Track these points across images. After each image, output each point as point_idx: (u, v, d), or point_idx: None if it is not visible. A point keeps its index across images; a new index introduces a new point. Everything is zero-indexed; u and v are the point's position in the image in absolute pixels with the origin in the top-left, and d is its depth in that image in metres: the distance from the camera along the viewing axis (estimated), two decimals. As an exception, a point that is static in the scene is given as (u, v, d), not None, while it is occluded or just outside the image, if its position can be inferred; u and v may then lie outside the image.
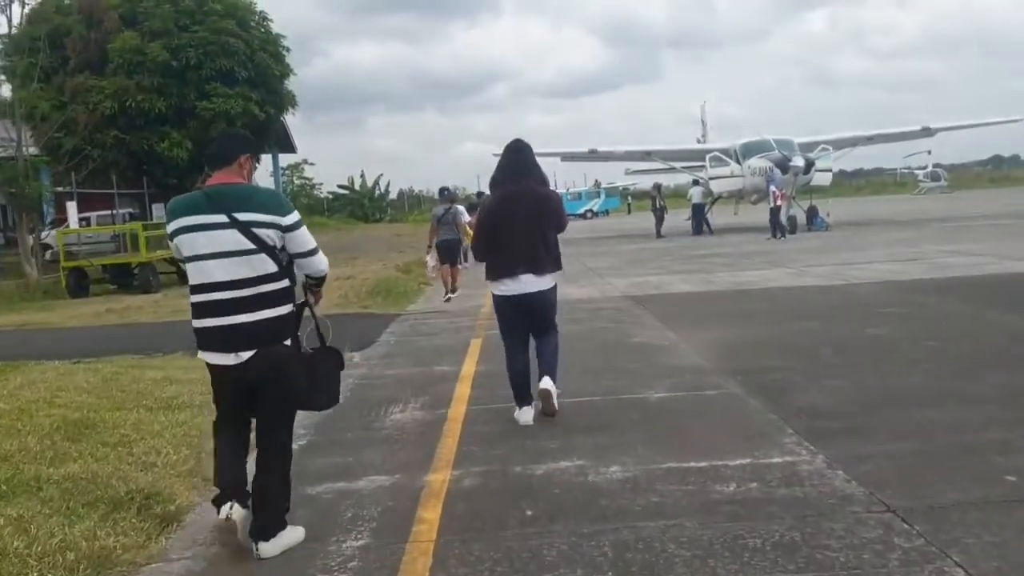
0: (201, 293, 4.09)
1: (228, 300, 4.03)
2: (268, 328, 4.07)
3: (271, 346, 4.09)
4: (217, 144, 4.37)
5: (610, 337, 9.95)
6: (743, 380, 7.28)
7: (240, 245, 4.00)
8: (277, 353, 4.12)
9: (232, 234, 4.00)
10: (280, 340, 4.14)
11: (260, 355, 4.06)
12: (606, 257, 23.33)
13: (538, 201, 6.34)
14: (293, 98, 32.14)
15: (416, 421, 6.63)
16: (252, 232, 4.00)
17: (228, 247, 4.01)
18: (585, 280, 17.05)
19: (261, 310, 4.04)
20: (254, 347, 4.05)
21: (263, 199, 4.13)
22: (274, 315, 4.09)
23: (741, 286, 14.39)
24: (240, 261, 4.01)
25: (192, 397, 7.54)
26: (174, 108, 28.45)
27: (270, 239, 4.04)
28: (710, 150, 31.70)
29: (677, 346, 9.14)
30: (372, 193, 73.58)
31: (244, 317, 4.02)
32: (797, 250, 21.73)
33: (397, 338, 10.93)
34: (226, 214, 3.99)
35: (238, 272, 4.02)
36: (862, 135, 32.69)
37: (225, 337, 4.06)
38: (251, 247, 4.01)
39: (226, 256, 4.01)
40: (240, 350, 4.05)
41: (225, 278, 4.02)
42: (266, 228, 4.03)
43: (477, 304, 13.89)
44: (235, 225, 3.99)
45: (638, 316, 11.53)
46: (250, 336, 4.04)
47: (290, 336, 4.21)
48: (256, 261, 4.03)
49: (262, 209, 4.03)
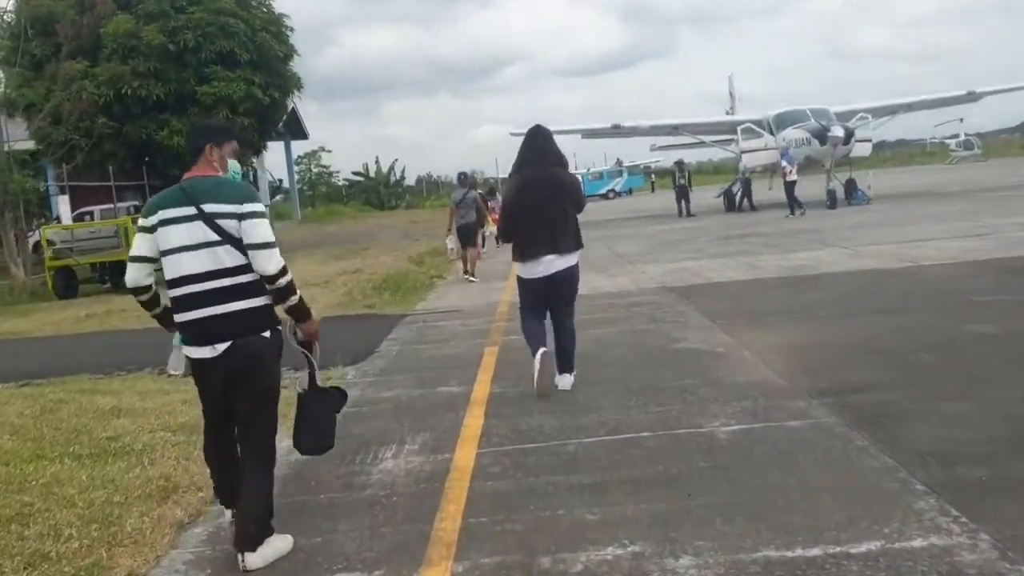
0: (177, 287, 4.02)
1: (201, 292, 3.97)
2: (242, 319, 4.00)
3: (247, 337, 4.01)
4: (189, 136, 4.44)
5: (652, 342, 8.31)
6: (833, 404, 5.64)
7: (207, 237, 3.95)
8: (254, 345, 4.03)
9: (199, 226, 3.96)
10: (257, 331, 4.04)
11: (236, 346, 3.98)
12: (635, 241, 21.63)
13: (559, 184, 6.63)
14: (298, 80, 30.49)
15: (411, 473, 5.03)
16: (216, 223, 3.95)
17: (197, 239, 3.96)
18: (615, 268, 15.39)
19: (234, 301, 3.97)
20: (229, 338, 3.97)
21: (226, 190, 4.03)
22: (248, 306, 4.01)
23: (794, 271, 12.69)
24: (208, 253, 3.96)
25: (136, 438, 6.04)
26: (173, 94, 26.91)
27: (234, 230, 3.95)
28: (741, 122, 29.77)
29: (736, 354, 7.50)
30: (388, 179, 71.92)
31: (217, 309, 3.97)
32: (844, 226, 19.95)
33: (400, 346, 9.34)
34: (195, 206, 3.96)
35: (207, 264, 3.96)
36: (902, 102, 30.69)
37: (200, 330, 4.01)
38: (216, 239, 3.95)
39: (196, 248, 3.96)
40: (215, 342, 3.99)
41: (197, 270, 3.97)
42: (228, 219, 3.96)
43: (493, 301, 12.31)
44: (202, 217, 3.95)
45: (681, 313, 9.88)
46: (225, 328, 3.98)
47: (268, 328, 4.08)
48: (223, 252, 3.96)
49: (224, 199, 3.98)
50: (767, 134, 28.98)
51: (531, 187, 6.57)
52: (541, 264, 6.52)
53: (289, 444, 4.58)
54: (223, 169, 4.17)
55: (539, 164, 6.60)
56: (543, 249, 6.48)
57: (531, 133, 6.76)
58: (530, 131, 6.79)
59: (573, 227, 6.61)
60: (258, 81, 27.83)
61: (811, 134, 26.33)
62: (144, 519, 4.49)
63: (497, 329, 9.89)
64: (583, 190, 7.07)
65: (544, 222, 6.47)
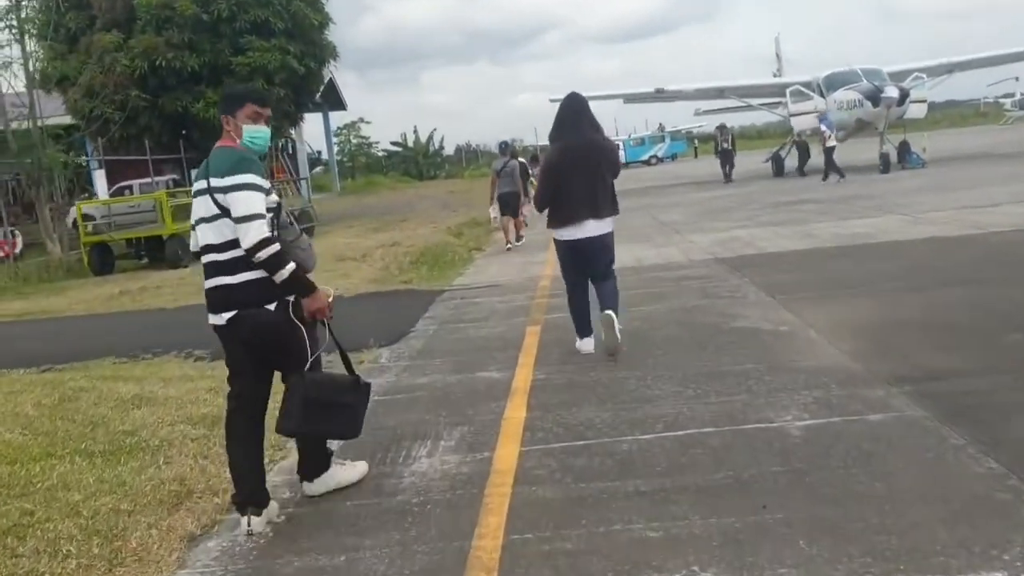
0: (202, 255, 4.13)
1: (213, 263, 4.06)
2: (244, 291, 4.00)
3: (250, 309, 4.02)
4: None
5: (707, 320, 7.71)
6: (917, 393, 5.04)
7: (211, 211, 4.01)
8: (259, 318, 4.04)
9: (207, 200, 4.02)
10: (259, 304, 4.02)
11: (240, 317, 4.03)
12: (679, 209, 20.90)
13: (596, 150, 6.72)
14: (334, 49, 29.94)
15: (447, 476, 4.52)
16: (215, 197, 3.98)
17: (205, 212, 4.05)
18: (661, 238, 14.75)
19: (236, 273, 3.99)
20: (232, 309, 4.03)
21: (220, 163, 4.01)
22: (250, 278, 3.99)
23: (851, 240, 11.97)
24: (214, 226, 4.02)
25: (154, 432, 5.61)
26: (208, 65, 26.51)
27: (224, 202, 3.95)
28: (790, 84, 28.68)
29: (801, 333, 6.89)
30: (426, 149, 71.33)
31: (223, 280, 4.03)
32: (899, 191, 19.07)
33: (437, 326, 8.83)
34: (206, 179, 4.03)
35: (214, 237, 4.03)
36: (958, 60, 29.41)
37: (211, 299, 4.12)
38: (216, 212, 3.99)
39: (208, 221, 4.04)
40: (221, 311, 4.06)
41: (208, 242, 4.06)
42: (220, 192, 3.96)
43: (535, 275, 11.76)
44: (208, 191, 4.00)
45: (736, 287, 9.25)
46: (227, 299, 4.03)
47: (274, 300, 4.04)
48: (222, 226, 3.99)
49: (215, 173, 3.99)
50: (817, 96, 27.92)
51: (569, 154, 6.67)
52: (579, 229, 6.69)
53: None
54: (239, 136, 4.14)
55: (576, 131, 6.69)
56: (583, 214, 6.64)
57: (567, 100, 6.83)
58: (566, 98, 6.86)
59: (611, 193, 6.79)
60: (293, 50, 27.35)
61: (863, 95, 25.27)
62: (152, 531, 4.04)
63: (538, 306, 9.36)
64: (619, 157, 7.38)
65: (583, 188, 6.61)
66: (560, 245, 6.97)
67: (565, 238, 6.83)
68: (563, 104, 6.82)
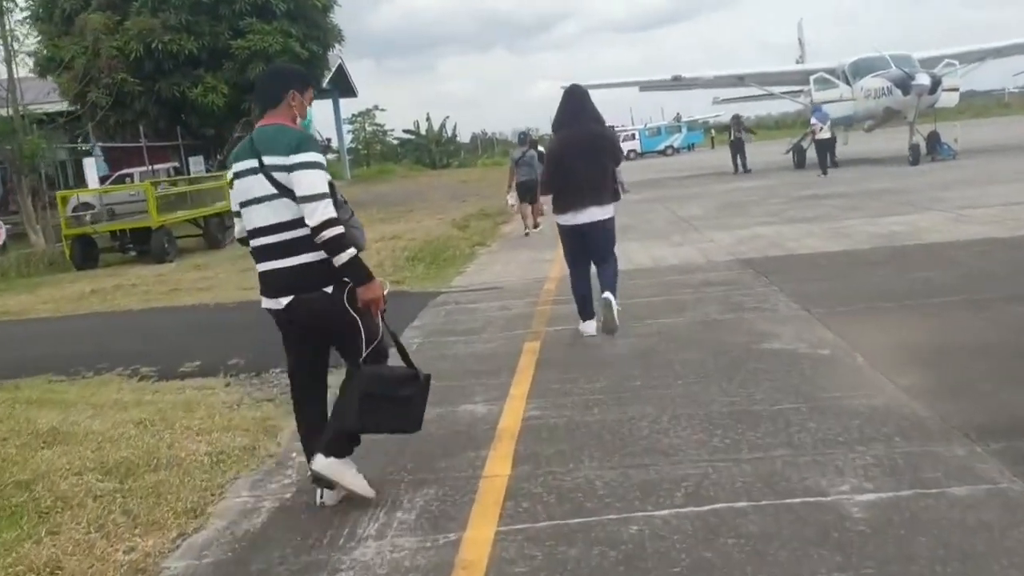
0: (251, 239, 3.97)
1: (267, 245, 3.89)
2: (303, 274, 3.84)
3: (309, 292, 3.86)
4: (260, 82, 4.19)
5: (732, 339, 6.59)
6: (1009, 454, 3.93)
7: (267, 190, 3.83)
8: (316, 302, 3.87)
9: (260, 179, 3.84)
10: (316, 287, 3.85)
11: (299, 301, 3.87)
12: (698, 202, 19.72)
13: (597, 138, 7.00)
14: (339, 33, 28.91)
15: (397, 571, 3.43)
16: (272, 176, 3.80)
17: (261, 192, 3.85)
18: (678, 235, 13.61)
19: (295, 255, 3.82)
20: (292, 293, 3.87)
21: (280, 139, 3.80)
22: (309, 260, 3.82)
23: (889, 240, 10.82)
24: (269, 206, 3.84)
25: (56, 483, 4.55)
26: (206, 48, 25.59)
27: (286, 182, 3.78)
28: (814, 71, 27.36)
29: (846, 359, 5.78)
30: (439, 137, 70.06)
31: (280, 263, 3.86)
32: (933, 185, 17.84)
33: (422, 339, 7.75)
34: (257, 158, 3.82)
35: (269, 218, 3.85)
36: (992, 47, 28.01)
37: (267, 282, 3.96)
38: (274, 191, 3.81)
39: (258, 202, 3.87)
40: (279, 295, 3.90)
41: (261, 224, 3.88)
42: (280, 171, 3.78)
43: (539, 276, 10.67)
44: (262, 170, 3.82)
45: (764, 296, 8.13)
46: (286, 282, 3.87)
47: (332, 283, 3.85)
48: (280, 206, 3.81)
49: (277, 151, 3.79)
50: (842, 84, 26.64)
51: (572, 143, 6.93)
52: (581, 214, 6.94)
53: None
54: (302, 116, 4.01)
55: (577, 121, 6.97)
56: (584, 201, 6.90)
57: (568, 92, 7.09)
58: (567, 90, 7.11)
59: (611, 180, 7.06)
60: (296, 33, 26.38)
61: (893, 83, 23.95)
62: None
63: (541, 315, 8.27)
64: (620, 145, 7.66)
65: (585, 176, 6.86)
66: (563, 230, 7.21)
67: (567, 223, 7.08)
68: (564, 96, 7.08)
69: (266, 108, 3.98)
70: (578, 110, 7.00)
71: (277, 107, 3.93)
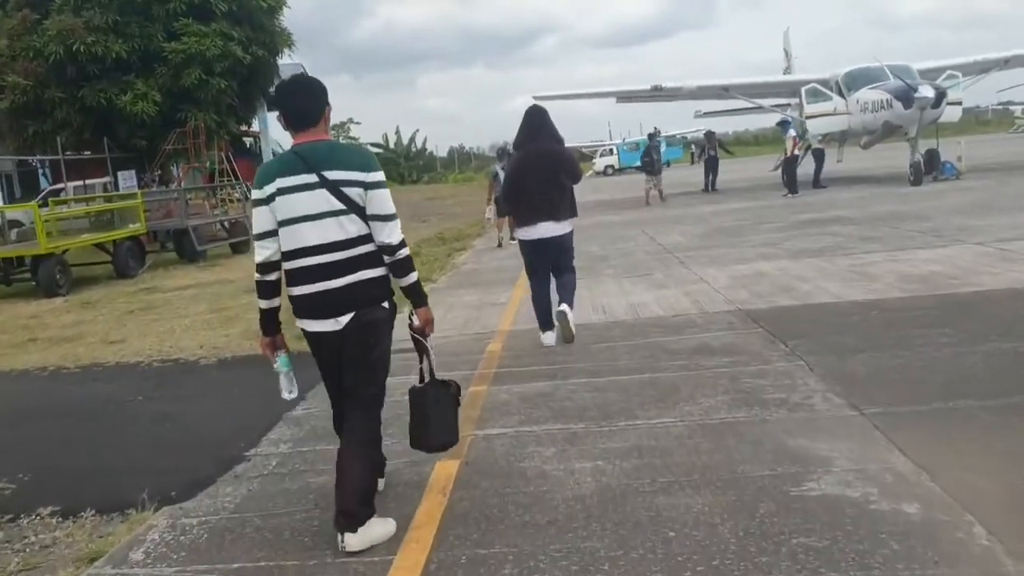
0: (297, 258, 3.78)
1: (325, 264, 3.74)
2: (366, 290, 3.78)
3: (369, 308, 3.80)
4: (294, 98, 3.90)
5: (755, 470, 4.17)
6: None
7: (331, 206, 3.71)
8: (375, 314, 3.83)
9: (323, 194, 3.71)
10: (378, 302, 3.84)
11: (358, 317, 3.77)
12: (682, 226, 17.38)
13: (554, 158, 7.22)
14: (288, 37, 26.39)
15: None
16: (341, 191, 3.71)
17: (320, 208, 3.71)
18: (662, 271, 11.24)
19: (357, 272, 3.76)
20: (353, 309, 3.76)
21: (350, 155, 3.83)
22: (371, 276, 3.79)
23: (930, 284, 8.51)
24: (332, 223, 3.72)
25: None
26: (137, 52, 23.02)
27: (358, 198, 3.72)
28: (805, 82, 25.11)
29: (957, 532, 3.39)
30: (408, 151, 67.50)
31: (342, 280, 3.75)
32: (948, 209, 15.64)
33: (290, 446, 5.27)
34: (316, 173, 3.71)
35: (332, 235, 3.72)
36: (997, 57, 25.91)
37: (324, 302, 3.77)
38: (341, 207, 3.71)
39: (319, 218, 3.72)
40: (339, 314, 3.77)
41: (319, 241, 3.73)
42: (353, 187, 3.72)
43: (485, 331, 8.31)
44: (325, 184, 3.70)
45: (788, 376, 5.75)
46: (348, 300, 3.76)
47: (387, 299, 3.89)
48: (347, 222, 3.73)
49: (349, 166, 3.74)
50: (836, 96, 24.43)
51: (529, 161, 7.20)
52: (538, 229, 7.20)
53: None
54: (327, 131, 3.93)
55: (536, 140, 7.22)
56: (542, 217, 7.16)
57: (529, 112, 7.33)
58: (528, 110, 7.35)
59: (569, 198, 7.28)
60: (238, 36, 23.89)
61: (893, 95, 21.75)
62: None
63: (476, 397, 5.86)
64: (578, 165, 7.79)
65: (541, 193, 7.11)
66: (523, 244, 7.47)
67: (526, 237, 7.33)
68: (525, 116, 7.30)
69: (305, 126, 3.82)
70: (537, 129, 7.23)
71: (318, 124, 3.84)
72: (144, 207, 17.96)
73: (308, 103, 3.85)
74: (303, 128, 3.81)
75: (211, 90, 23.39)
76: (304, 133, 3.81)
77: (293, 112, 3.85)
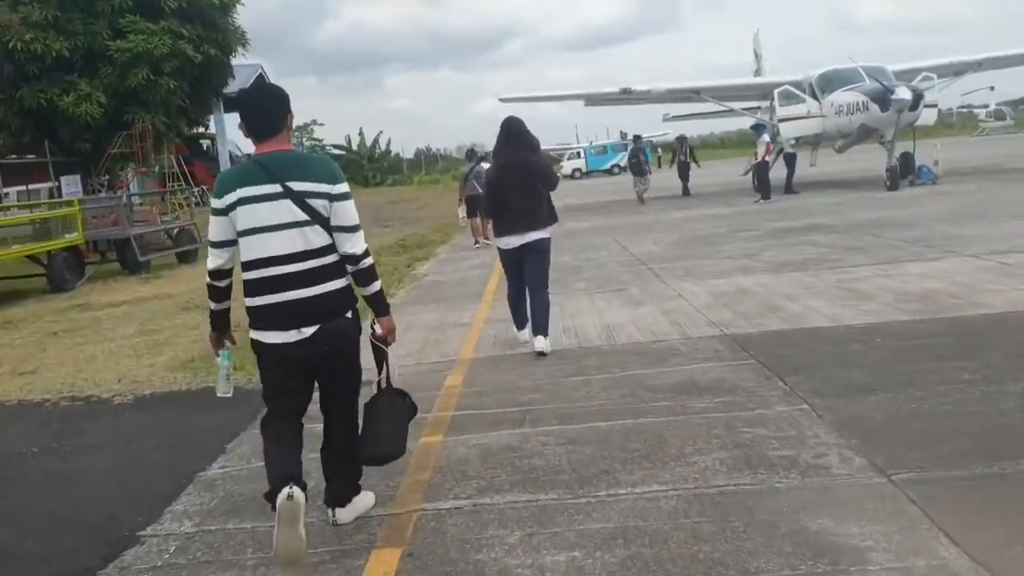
0: (257, 269, 3.71)
1: (288, 274, 3.69)
2: (330, 301, 3.75)
3: (334, 320, 3.76)
4: (254, 107, 3.86)
5: (771, 566, 3.32)
6: None
7: (295, 216, 3.66)
8: (340, 326, 3.79)
9: (287, 205, 3.66)
10: (342, 313, 3.81)
11: (324, 330, 3.73)
12: (654, 235, 16.56)
13: (531, 167, 7.37)
14: (243, 36, 25.31)
15: None
16: (305, 203, 3.67)
17: (284, 219, 3.66)
18: (637, 285, 10.41)
19: (322, 283, 3.72)
20: (318, 322, 3.71)
21: (315, 167, 3.79)
22: (335, 287, 3.76)
23: (932, 304, 7.74)
24: (296, 233, 3.67)
25: None
26: (80, 50, 21.88)
27: (323, 209, 3.70)
28: (778, 84, 24.44)
29: None
30: (372, 153, 66.21)
31: (305, 292, 3.70)
32: (930, 216, 14.98)
33: (199, 521, 4.34)
34: (279, 184, 3.66)
35: (296, 245, 3.68)
36: (972, 59, 25.41)
37: (286, 313, 3.70)
38: (305, 218, 3.67)
39: (282, 228, 3.66)
40: (303, 326, 3.71)
41: (284, 251, 3.68)
42: (318, 198, 3.69)
43: (443, 359, 7.39)
44: (289, 195, 3.66)
45: (793, 425, 4.90)
46: (313, 311, 3.71)
47: (351, 309, 3.86)
48: (311, 233, 3.69)
49: (314, 177, 3.70)
50: (809, 98, 23.79)
51: (507, 171, 7.34)
52: (518, 238, 7.32)
53: None
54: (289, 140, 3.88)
55: (514, 150, 7.34)
56: (521, 225, 7.30)
57: (506, 123, 7.47)
58: (505, 121, 7.49)
59: (547, 205, 7.43)
60: (188, 34, 22.77)
61: (869, 97, 21.14)
62: None
63: (428, 453, 4.95)
64: (555, 172, 8.20)
65: (520, 201, 7.25)
66: (501, 252, 7.59)
67: (506, 247, 7.47)
68: (502, 126, 7.47)
69: (268, 135, 3.74)
70: (514, 140, 7.36)
71: (280, 133, 3.77)
72: (83, 215, 16.83)
73: (271, 112, 3.81)
74: (265, 137, 3.75)
75: (160, 90, 22.29)
76: (266, 142, 3.75)
77: (255, 121, 3.78)
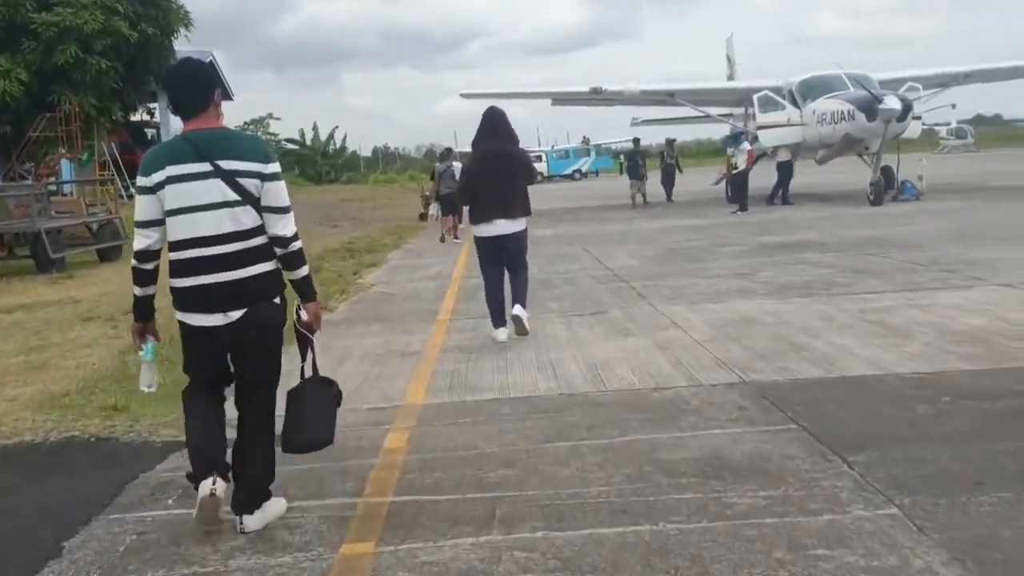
0: (185, 249, 3.64)
1: (215, 256, 3.61)
2: (259, 284, 3.68)
3: (260, 303, 3.70)
4: (181, 84, 3.70)
5: None
6: None
7: (225, 196, 3.60)
8: (267, 311, 3.73)
9: (217, 184, 3.59)
10: (270, 297, 3.74)
11: (250, 314, 3.66)
12: (630, 247, 15.03)
13: (510, 158, 7.55)
14: (186, 16, 23.41)
15: None
16: (236, 182, 3.60)
17: (214, 198, 3.59)
18: (620, 308, 8.89)
19: (251, 266, 3.65)
20: (245, 305, 3.65)
21: (246, 145, 3.76)
22: (264, 270, 3.70)
23: (982, 346, 6.33)
24: (226, 213, 3.60)
25: None
26: (0, 22, 19.85)
27: (254, 189, 3.63)
28: (757, 89, 23.16)
29: None
30: (325, 148, 63.96)
31: (233, 274, 3.63)
32: (930, 235, 13.73)
33: None
34: (209, 162, 3.58)
35: (225, 226, 3.60)
36: (958, 71, 24.30)
37: (213, 295, 3.64)
38: (236, 198, 3.60)
39: (211, 208, 3.59)
40: (230, 309, 3.65)
41: (212, 232, 3.60)
42: (250, 178, 3.62)
43: (390, 394, 5.68)
44: (219, 174, 3.59)
45: (880, 539, 3.35)
46: (240, 294, 3.65)
47: (279, 294, 3.79)
48: (241, 213, 3.62)
49: (246, 156, 3.64)
50: (790, 106, 22.50)
51: (484, 161, 7.52)
52: (494, 227, 7.45)
53: None
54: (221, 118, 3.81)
55: (492, 140, 7.52)
56: (496, 214, 7.42)
57: (486, 113, 7.64)
58: (486, 112, 7.67)
59: (523, 197, 7.57)
60: (123, 11, 20.86)
61: (855, 106, 19.92)
62: None
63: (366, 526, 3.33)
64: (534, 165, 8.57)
65: (496, 191, 7.38)
66: (478, 240, 7.69)
67: (480, 235, 7.60)
68: (485, 115, 7.61)
69: (195, 112, 3.65)
70: (494, 130, 7.53)
71: (208, 110, 3.68)
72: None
73: (198, 87, 3.70)
74: (193, 114, 3.65)
75: (90, 70, 20.41)
76: (195, 119, 3.65)
77: (182, 97, 3.67)
